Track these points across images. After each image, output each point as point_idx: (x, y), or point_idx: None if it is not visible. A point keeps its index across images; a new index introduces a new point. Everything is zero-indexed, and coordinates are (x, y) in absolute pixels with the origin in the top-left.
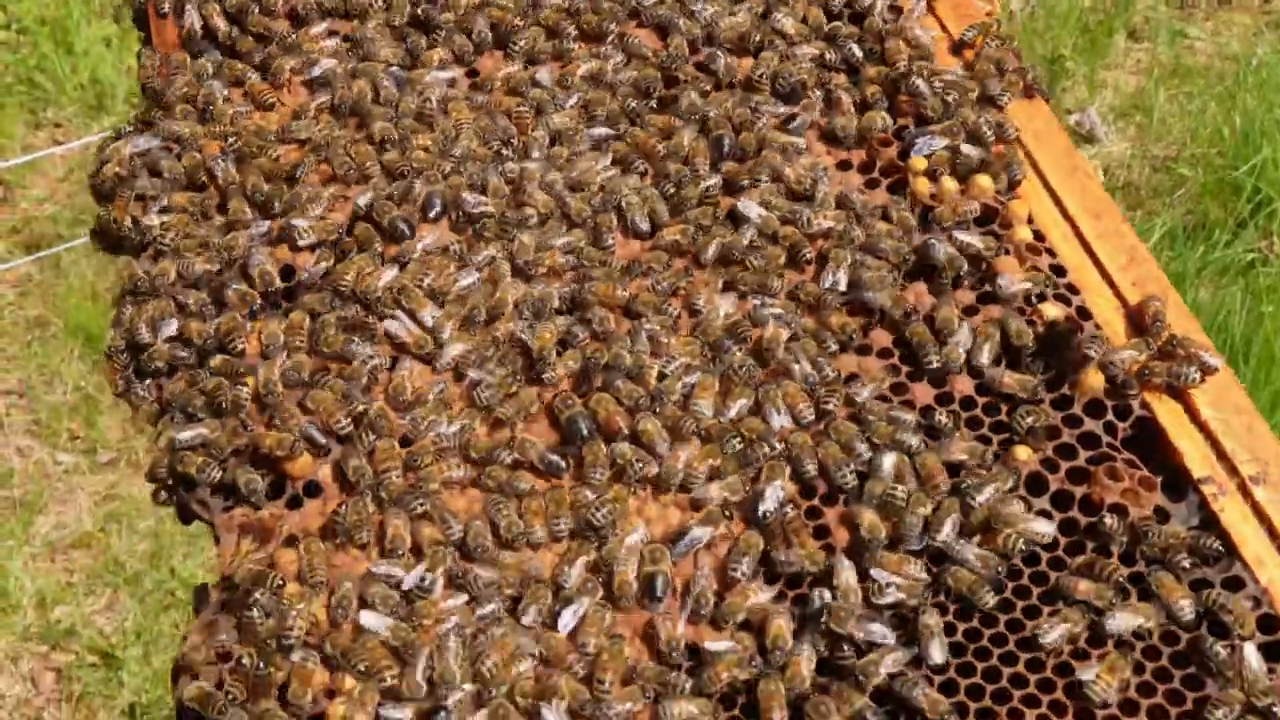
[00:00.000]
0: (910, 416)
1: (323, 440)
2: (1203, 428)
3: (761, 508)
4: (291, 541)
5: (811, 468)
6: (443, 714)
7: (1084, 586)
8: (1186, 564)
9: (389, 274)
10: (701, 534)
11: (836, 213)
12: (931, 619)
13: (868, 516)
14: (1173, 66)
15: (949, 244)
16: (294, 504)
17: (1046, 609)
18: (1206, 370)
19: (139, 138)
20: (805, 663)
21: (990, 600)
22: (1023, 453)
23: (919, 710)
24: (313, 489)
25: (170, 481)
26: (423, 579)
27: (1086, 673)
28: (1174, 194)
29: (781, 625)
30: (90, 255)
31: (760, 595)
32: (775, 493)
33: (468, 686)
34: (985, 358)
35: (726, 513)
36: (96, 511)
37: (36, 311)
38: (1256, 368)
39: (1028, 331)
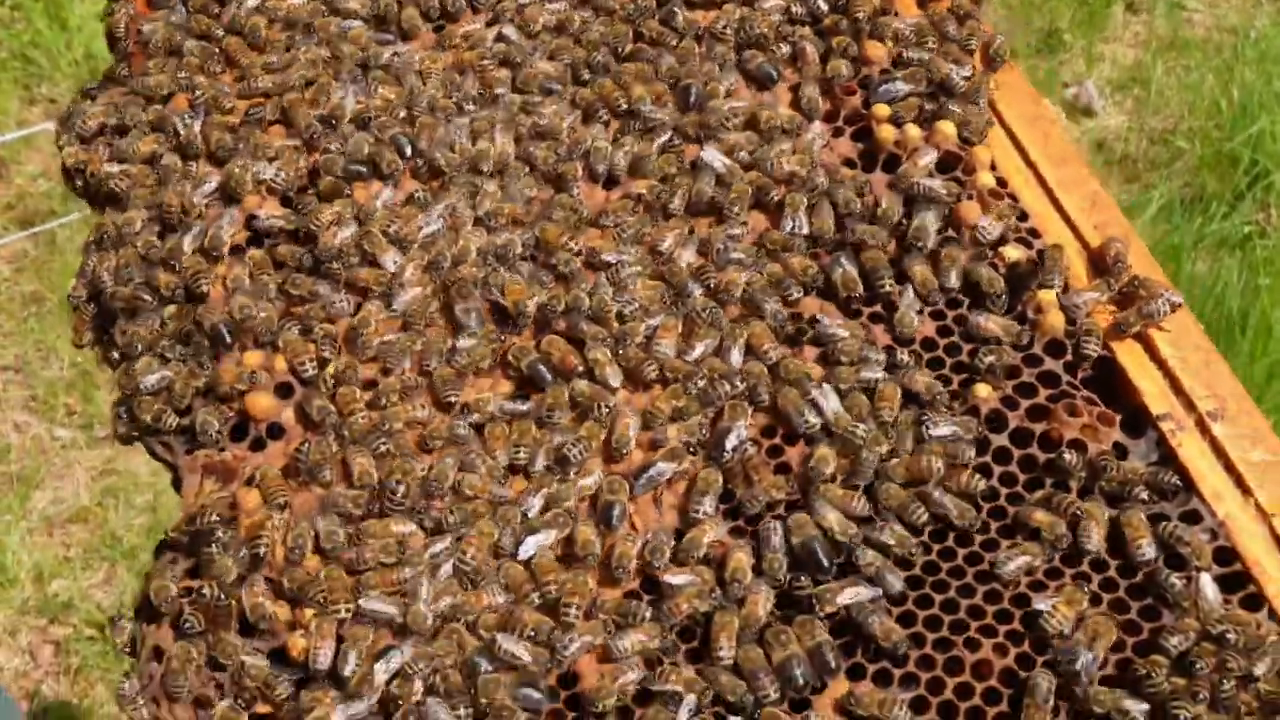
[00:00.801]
0: (879, 356)
1: (229, 338)
2: (1161, 366)
3: (724, 447)
4: (253, 480)
5: (767, 396)
6: (393, 652)
7: (1039, 516)
8: (1145, 498)
9: (346, 231)
10: (665, 469)
11: (800, 156)
12: (870, 556)
13: (821, 450)
14: (1170, 39)
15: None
16: (257, 446)
17: (1005, 542)
18: (1173, 306)
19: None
20: (763, 601)
21: (923, 516)
22: (983, 390)
23: (873, 637)
24: (276, 431)
25: (134, 425)
26: (394, 488)
27: (1043, 603)
28: (1171, 166)
29: (742, 559)
30: (86, 230)
31: (719, 528)
32: (738, 433)
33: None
34: (953, 281)
35: (691, 449)
36: (94, 486)
37: (32, 287)
38: (1253, 340)
39: (998, 279)
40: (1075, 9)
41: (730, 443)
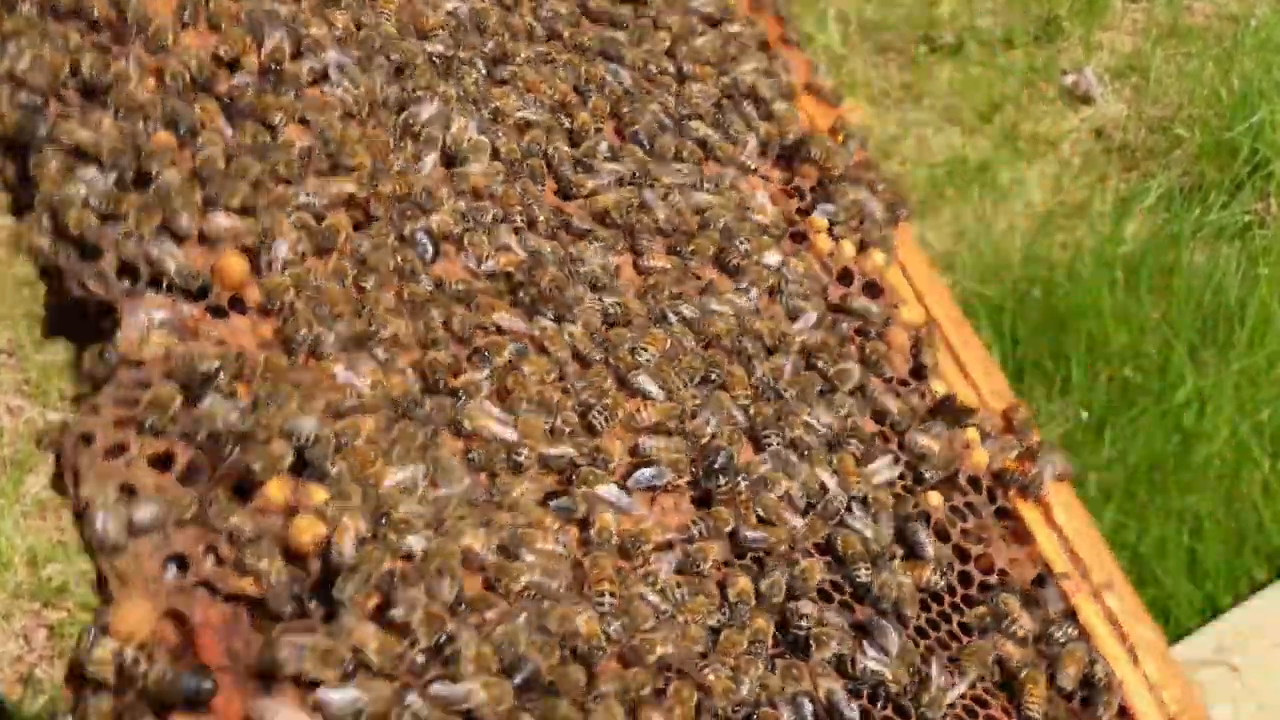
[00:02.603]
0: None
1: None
2: (1059, 531)
3: (714, 465)
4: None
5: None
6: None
7: (1010, 648)
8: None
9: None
10: (663, 472)
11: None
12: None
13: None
14: (1170, 27)
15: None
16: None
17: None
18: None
19: None
20: (767, 620)
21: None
22: (935, 498)
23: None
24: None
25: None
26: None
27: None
28: (1170, 155)
29: (746, 582)
30: None
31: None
32: (727, 452)
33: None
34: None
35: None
36: None
37: (26, 271)
38: (1252, 330)
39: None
40: None
41: (719, 461)
